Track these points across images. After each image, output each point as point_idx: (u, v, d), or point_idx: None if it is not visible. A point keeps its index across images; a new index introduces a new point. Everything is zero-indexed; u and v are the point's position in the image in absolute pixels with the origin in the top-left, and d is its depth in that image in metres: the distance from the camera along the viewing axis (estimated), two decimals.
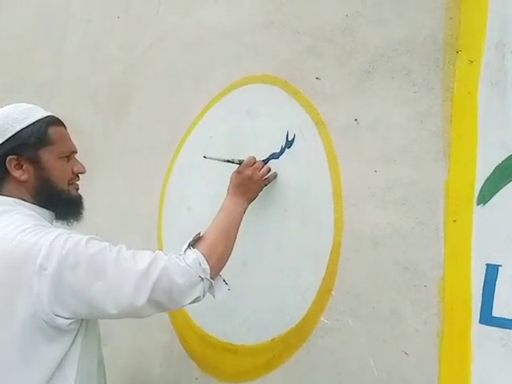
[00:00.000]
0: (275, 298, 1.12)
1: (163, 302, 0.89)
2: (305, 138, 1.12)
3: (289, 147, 1.16)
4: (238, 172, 1.11)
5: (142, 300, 0.86)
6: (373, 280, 0.95)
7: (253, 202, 1.12)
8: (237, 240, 1.16)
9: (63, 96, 2.06)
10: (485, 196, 0.83)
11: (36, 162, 0.96)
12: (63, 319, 0.85)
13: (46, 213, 0.98)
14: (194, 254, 0.92)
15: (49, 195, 0.97)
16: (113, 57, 1.81)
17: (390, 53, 0.99)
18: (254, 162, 1.12)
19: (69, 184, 1.01)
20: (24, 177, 0.95)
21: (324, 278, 1.04)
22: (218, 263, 0.96)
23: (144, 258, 0.89)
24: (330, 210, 1.04)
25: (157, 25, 1.63)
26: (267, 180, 1.13)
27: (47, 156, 0.97)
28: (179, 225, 1.41)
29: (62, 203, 0.99)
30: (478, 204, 0.84)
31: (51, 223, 0.98)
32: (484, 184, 0.84)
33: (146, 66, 1.65)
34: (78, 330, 0.91)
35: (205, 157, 1.15)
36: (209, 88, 1.39)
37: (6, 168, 0.94)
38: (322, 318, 1.02)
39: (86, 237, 0.89)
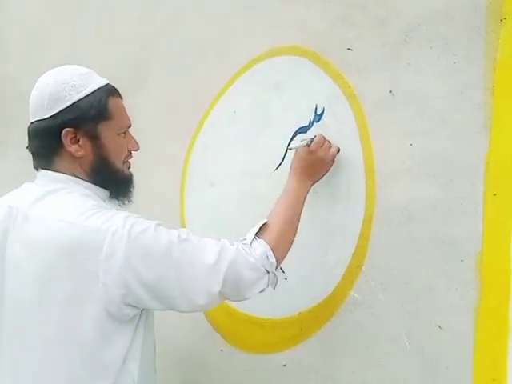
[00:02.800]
0: (302, 274, 1.12)
1: (229, 295, 0.87)
2: (335, 111, 1.10)
3: (317, 121, 1.13)
4: (309, 152, 1.00)
5: (211, 295, 0.84)
6: (406, 255, 0.94)
7: (280, 177, 1.11)
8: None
9: None
10: None
11: (94, 138, 0.88)
12: (130, 309, 0.82)
13: (101, 191, 0.92)
14: (262, 247, 0.88)
15: (105, 174, 0.91)
16: (129, 32, 1.78)
17: (428, 21, 0.95)
18: (324, 142, 1.03)
19: (123, 162, 0.95)
20: (80, 152, 0.88)
21: (354, 254, 1.03)
22: (283, 255, 0.93)
23: (212, 248, 0.85)
24: (361, 185, 1.03)
25: None
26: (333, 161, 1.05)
27: (106, 132, 0.90)
28: (202, 201, 1.41)
29: (117, 183, 0.94)
30: None
31: (104, 202, 0.93)
32: None
33: (163, 42, 1.62)
34: (139, 321, 0.88)
35: (290, 149, 1.07)
36: (232, 62, 1.36)
37: (61, 141, 0.86)
38: (352, 293, 1.02)
39: (153, 223, 0.84)
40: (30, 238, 0.84)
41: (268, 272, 0.88)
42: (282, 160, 1.19)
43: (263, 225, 0.92)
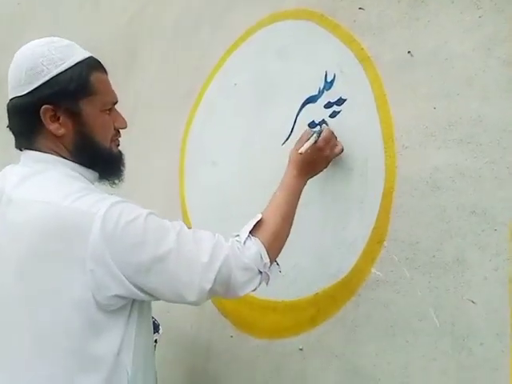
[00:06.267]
0: (318, 251, 1.05)
1: (220, 292, 0.83)
2: (347, 77, 1.02)
3: (328, 89, 1.06)
4: (316, 149, 0.95)
5: (202, 293, 0.80)
6: (433, 227, 0.88)
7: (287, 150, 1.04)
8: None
9: None
10: None
11: (76, 115, 0.83)
12: (117, 299, 0.78)
13: (89, 173, 0.87)
14: (256, 247, 0.84)
15: (90, 154, 0.85)
16: (116, 5, 1.68)
17: None
18: (331, 138, 0.97)
19: (111, 141, 0.89)
20: (61, 131, 0.82)
21: (374, 228, 0.96)
22: (277, 253, 0.89)
23: (206, 244, 0.81)
24: (380, 155, 0.96)
25: None
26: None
27: (89, 108, 0.84)
28: (203, 181, 1.33)
29: (105, 163, 0.88)
30: None
31: (93, 184, 0.88)
32: None
33: (155, 13, 1.53)
34: (131, 313, 0.82)
35: (300, 153, 0.94)
36: (230, 30, 1.28)
37: (41, 119, 0.81)
38: (373, 270, 0.96)
39: (144, 212, 0.79)
40: (12, 222, 0.79)
41: (261, 272, 0.85)
42: (291, 133, 1.11)
43: (258, 221, 0.88)
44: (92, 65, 0.85)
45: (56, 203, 0.76)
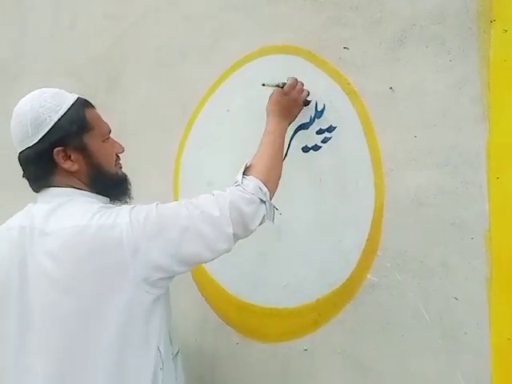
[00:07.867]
0: (317, 263, 1.18)
1: (240, 233, 0.95)
2: (336, 107, 1.16)
3: (319, 117, 1.19)
4: (284, 94, 1.10)
5: (229, 239, 0.93)
6: (419, 237, 1.04)
7: (283, 172, 1.17)
8: None
9: (34, 73, 1.92)
10: None
11: (83, 150, 0.95)
12: (164, 280, 0.91)
13: (101, 198, 0.99)
14: (253, 182, 0.97)
15: (102, 181, 0.98)
16: (95, 30, 1.71)
17: (422, 22, 1.04)
18: (297, 84, 1.12)
19: (115, 165, 1.02)
20: (75, 167, 0.94)
21: (367, 240, 1.10)
22: (274, 186, 1.02)
23: (210, 203, 0.93)
24: (369, 176, 1.10)
25: None
26: (305, 102, 1.16)
27: (92, 142, 0.96)
28: None
29: (115, 185, 1.01)
30: None
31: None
32: None
33: (138, 39, 1.58)
34: (162, 300, 0.95)
35: (263, 85, 1.13)
36: (218, 61, 1.37)
37: (54, 161, 0.93)
38: (369, 276, 1.10)
39: (153, 205, 0.93)
40: (52, 249, 0.89)
41: (264, 202, 0.97)
42: (285, 156, 1.23)
43: (250, 166, 1.01)
44: (83, 104, 0.97)
45: (85, 224, 0.88)
